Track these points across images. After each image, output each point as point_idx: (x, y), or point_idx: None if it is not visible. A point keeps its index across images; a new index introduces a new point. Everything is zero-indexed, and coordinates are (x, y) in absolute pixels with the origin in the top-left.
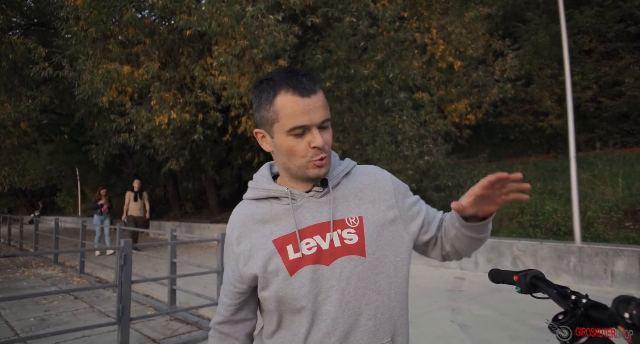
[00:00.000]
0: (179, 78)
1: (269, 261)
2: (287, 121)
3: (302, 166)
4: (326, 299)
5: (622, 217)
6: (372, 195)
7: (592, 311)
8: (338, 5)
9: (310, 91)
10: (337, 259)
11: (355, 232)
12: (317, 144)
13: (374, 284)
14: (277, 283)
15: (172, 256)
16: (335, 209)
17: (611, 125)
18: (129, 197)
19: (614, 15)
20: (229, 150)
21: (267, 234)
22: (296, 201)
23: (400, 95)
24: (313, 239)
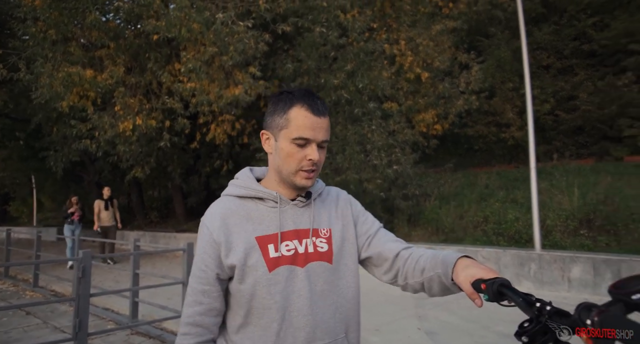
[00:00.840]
0: (145, 83)
1: (249, 254)
2: (295, 130)
3: (293, 172)
4: (298, 298)
5: (578, 225)
6: (337, 212)
7: (555, 317)
8: (308, 15)
9: (321, 112)
10: (309, 263)
11: (325, 242)
12: (313, 157)
13: (336, 288)
14: (255, 276)
15: (135, 266)
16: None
17: (567, 137)
18: (98, 205)
19: (569, 33)
20: (197, 157)
21: (249, 230)
22: (282, 205)
23: (369, 104)
24: (292, 242)
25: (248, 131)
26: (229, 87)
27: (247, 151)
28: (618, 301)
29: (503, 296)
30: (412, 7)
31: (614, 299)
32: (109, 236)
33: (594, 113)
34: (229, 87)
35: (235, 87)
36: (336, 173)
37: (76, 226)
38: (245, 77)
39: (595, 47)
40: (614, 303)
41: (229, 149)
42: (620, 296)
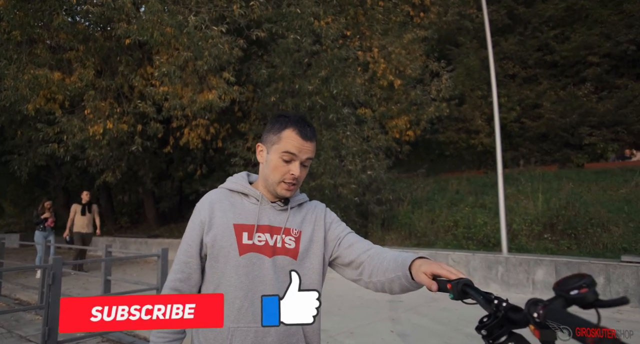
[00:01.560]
0: (116, 87)
1: (225, 237)
2: (284, 145)
3: (276, 182)
4: (262, 283)
5: (542, 229)
6: (311, 219)
7: (510, 313)
8: (282, 22)
9: (309, 137)
10: (276, 255)
11: (294, 240)
12: (295, 172)
13: None
14: (227, 257)
15: (107, 273)
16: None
17: (532, 144)
18: (74, 210)
19: (533, 44)
20: (169, 161)
21: (230, 217)
22: (261, 203)
23: (343, 110)
24: (264, 234)
25: (222, 136)
26: (202, 92)
27: (221, 156)
28: (559, 296)
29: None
30: (385, 16)
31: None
32: (86, 243)
33: (557, 121)
34: (202, 91)
35: (209, 92)
36: (311, 178)
37: (49, 232)
38: (220, 82)
39: (557, 58)
40: (556, 298)
41: (202, 153)
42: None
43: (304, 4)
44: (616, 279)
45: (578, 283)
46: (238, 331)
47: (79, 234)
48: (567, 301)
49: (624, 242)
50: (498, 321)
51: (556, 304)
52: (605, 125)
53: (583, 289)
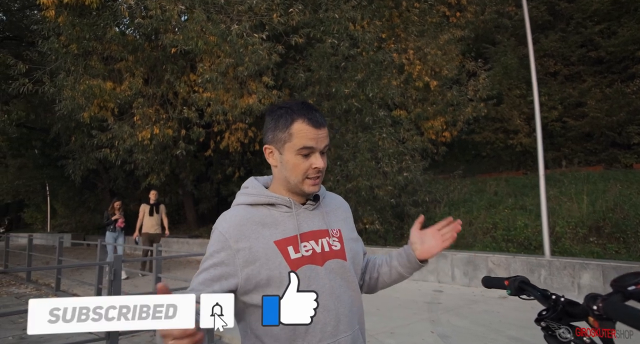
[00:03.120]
0: (162, 94)
1: (270, 259)
2: (299, 142)
3: (300, 181)
4: (322, 294)
5: (587, 232)
6: (342, 215)
7: (568, 307)
8: (319, 27)
9: (320, 124)
10: (327, 261)
11: (337, 240)
12: (319, 165)
13: (351, 283)
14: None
15: (157, 271)
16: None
17: (575, 144)
18: (143, 210)
19: (576, 40)
20: (209, 164)
21: (267, 235)
22: (295, 209)
23: (379, 113)
24: (309, 243)
25: (260, 139)
26: (243, 97)
27: (258, 158)
28: (617, 292)
29: (523, 291)
30: (420, 17)
31: (614, 291)
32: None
33: (603, 120)
34: (243, 96)
35: (249, 97)
36: (347, 180)
37: (119, 233)
38: (259, 86)
39: (603, 54)
40: (614, 293)
41: (240, 156)
42: (618, 288)
43: (341, 9)
44: None
45: (635, 280)
46: None
47: (146, 235)
48: (624, 296)
49: None
50: (557, 314)
51: (614, 298)
52: None
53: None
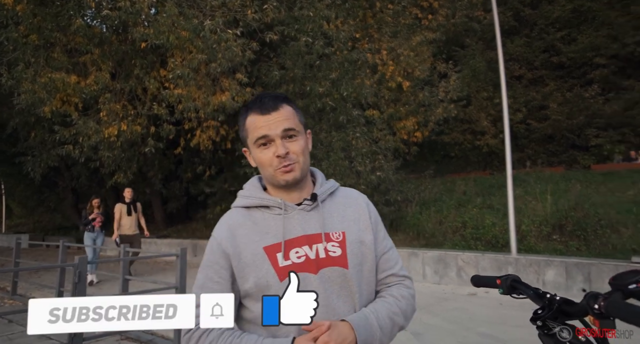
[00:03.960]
0: (130, 89)
1: (258, 266)
2: (252, 134)
3: (271, 174)
4: None
5: (550, 231)
6: (353, 215)
7: (564, 305)
8: (294, 25)
9: (269, 108)
10: (322, 269)
11: (338, 246)
12: (279, 152)
13: (353, 294)
14: (267, 288)
15: (125, 272)
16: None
17: (538, 145)
18: (119, 210)
19: (539, 46)
20: (178, 163)
21: (256, 240)
22: (287, 211)
23: (353, 112)
24: (302, 248)
25: (232, 137)
26: (215, 94)
27: (229, 157)
28: (617, 290)
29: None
30: (393, 18)
31: (614, 289)
32: (133, 246)
33: (563, 123)
34: (215, 93)
35: (222, 94)
36: None
37: (98, 233)
38: (232, 83)
39: (564, 60)
40: (614, 291)
41: (211, 154)
42: (618, 286)
43: (316, 7)
44: None
45: (635, 278)
46: None
47: (124, 236)
48: (624, 294)
49: (633, 244)
50: (552, 313)
51: (616, 297)
52: (612, 126)
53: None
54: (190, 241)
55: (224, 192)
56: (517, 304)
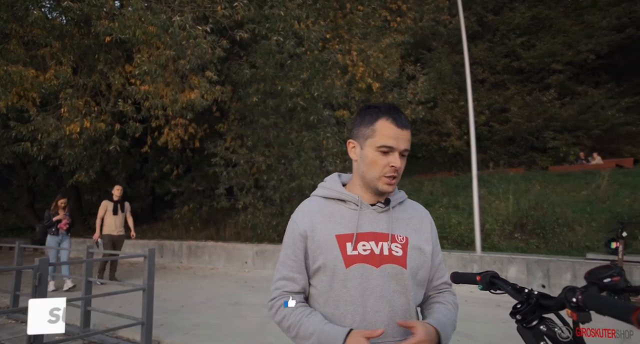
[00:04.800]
0: (93, 85)
1: (329, 250)
2: (380, 139)
3: (376, 177)
4: (372, 295)
5: (512, 229)
6: (416, 225)
7: (542, 300)
8: (265, 23)
9: (404, 125)
10: (384, 264)
11: (401, 248)
12: (396, 164)
13: (408, 292)
14: (333, 271)
15: (88, 274)
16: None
17: (500, 147)
18: (104, 207)
19: (501, 51)
20: (144, 161)
21: (330, 228)
22: (361, 208)
23: (324, 112)
24: (369, 243)
25: (200, 136)
26: (184, 91)
27: (197, 156)
28: (592, 284)
29: (494, 286)
30: (363, 20)
31: (589, 283)
32: (117, 247)
33: (523, 125)
34: (184, 91)
35: (191, 92)
36: (291, 179)
37: (63, 236)
38: (202, 81)
39: (524, 65)
40: (590, 285)
41: (179, 153)
42: (594, 281)
43: (287, 7)
44: (581, 275)
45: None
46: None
47: (109, 236)
48: (600, 288)
49: (587, 241)
50: (531, 307)
51: (592, 290)
52: (568, 129)
53: (615, 277)
54: (156, 242)
55: (191, 191)
56: (481, 301)
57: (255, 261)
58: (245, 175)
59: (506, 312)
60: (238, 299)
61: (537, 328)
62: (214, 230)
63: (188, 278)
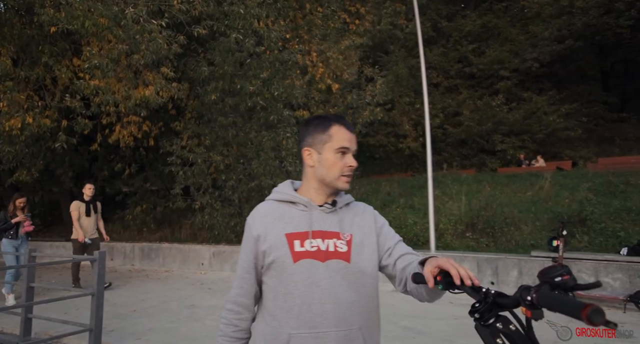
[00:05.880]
0: (36, 78)
1: (278, 247)
2: (337, 142)
3: (335, 177)
4: (318, 288)
5: (464, 229)
6: (360, 222)
7: (498, 298)
8: (224, 20)
9: (352, 130)
10: (329, 260)
11: (345, 244)
12: (352, 163)
13: (353, 284)
14: (281, 266)
15: (29, 279)
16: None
17: (453, 149)
18: (77, 208)
19: (454, 56)
20: (93, 160)
21: (281, 227)
22: (310, 210)
23: (284, 112)
24: (315, 240)
25: (155, 134)
26: (138, 88)
27: (151, 154)
28: (545, 283)
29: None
30: (323, 21)
31: (542, 282)
32: (89, 252)
33: (474, 129)
34: (138, 87)
35: (146, 88)
36: (250, 178)
37: (23, 241)
38: (157, 77)
39: (475, 71)
40: (542, 284)
41: (132, 152)
42: (546, 280)
43: (246, 4)
44: (527, 272)
45: (560, 272)
46: (297, 337)
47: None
48: (552, 286)
49: (532, 239)
50: (488, 306)
51: (545, 289)
52: (514, 133)
53: (565, 277)
54: (105, 244)
55: (144, 191)
56: None
57: (212, 262)
58: (202, 175)
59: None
60: (194, 302)
61: (494, 326)
62: (169, 231)
63: (140, 281)
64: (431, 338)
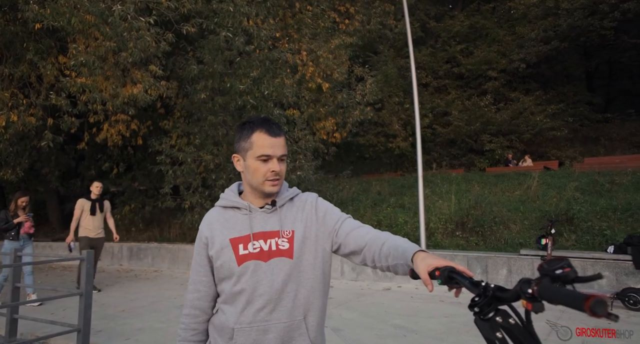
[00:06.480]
0: (21, 75)
1: (223, 252)
2: (258, 149)
3: (261, 182)
4: (261, 286)
5: (454, 227)
6: (302, 215)
7: (498, 292)
8: (213, 18)
9: (277, 133)
10: (272, 258)
11: (287, 241)
12: (275, 169)
13: (296, 278)
14: (228, 269)
15: (15, 279)
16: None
17: (442, 149)
18: (80, 207)
19: (443, 57)
20: (80, 159)
21: (226, 233)
22: (251, 212)
23: (274, 111)
24: (258, 242)
25: (143, 133)
26: (126, 86)
27: (141, 153)
28: (545, 275)
29: (452, 280)
30: (313, 20)
31: (542, 275)
32: (96, 252)
33: (463, 129)
34: (126, 85)
35: (134, 86)
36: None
37: (25, 241)
38: (145, 76)
39: (463, 71)
40: (543, 277)
41: (120, 150)
42: (547, 272)
43: (235, 3)
44: (516, 270)
45: (561, 264)
46: (240, 330)
47: (86, 239)
48: (553, 279)
49: (520, 238)
50: (488, 299)
51: (545, 282)
52: (502, 133)
53: (566, 269)
54: None
55: (133, 191)
56: (426, 297)
57: None
58: (192, 174)
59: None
60: (183, 302)
61: (494, 320)
62: (158, 231)
63: (129, 281)
64: (422, 337)
